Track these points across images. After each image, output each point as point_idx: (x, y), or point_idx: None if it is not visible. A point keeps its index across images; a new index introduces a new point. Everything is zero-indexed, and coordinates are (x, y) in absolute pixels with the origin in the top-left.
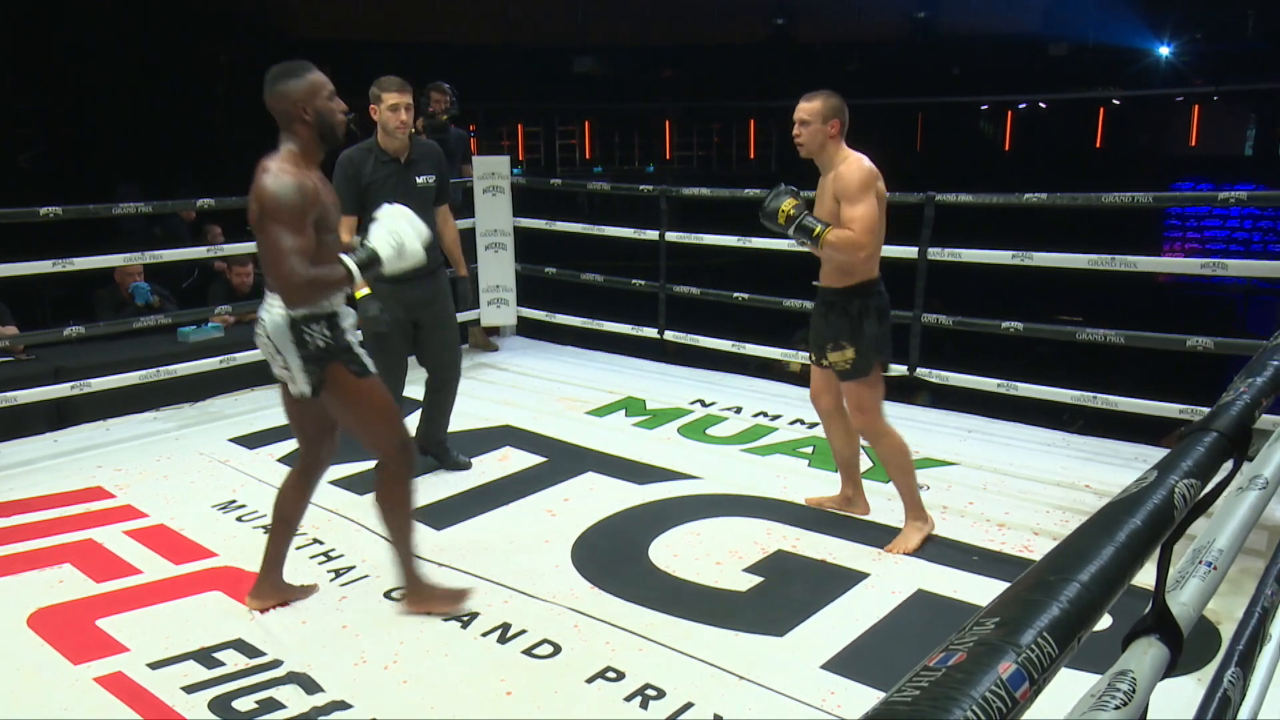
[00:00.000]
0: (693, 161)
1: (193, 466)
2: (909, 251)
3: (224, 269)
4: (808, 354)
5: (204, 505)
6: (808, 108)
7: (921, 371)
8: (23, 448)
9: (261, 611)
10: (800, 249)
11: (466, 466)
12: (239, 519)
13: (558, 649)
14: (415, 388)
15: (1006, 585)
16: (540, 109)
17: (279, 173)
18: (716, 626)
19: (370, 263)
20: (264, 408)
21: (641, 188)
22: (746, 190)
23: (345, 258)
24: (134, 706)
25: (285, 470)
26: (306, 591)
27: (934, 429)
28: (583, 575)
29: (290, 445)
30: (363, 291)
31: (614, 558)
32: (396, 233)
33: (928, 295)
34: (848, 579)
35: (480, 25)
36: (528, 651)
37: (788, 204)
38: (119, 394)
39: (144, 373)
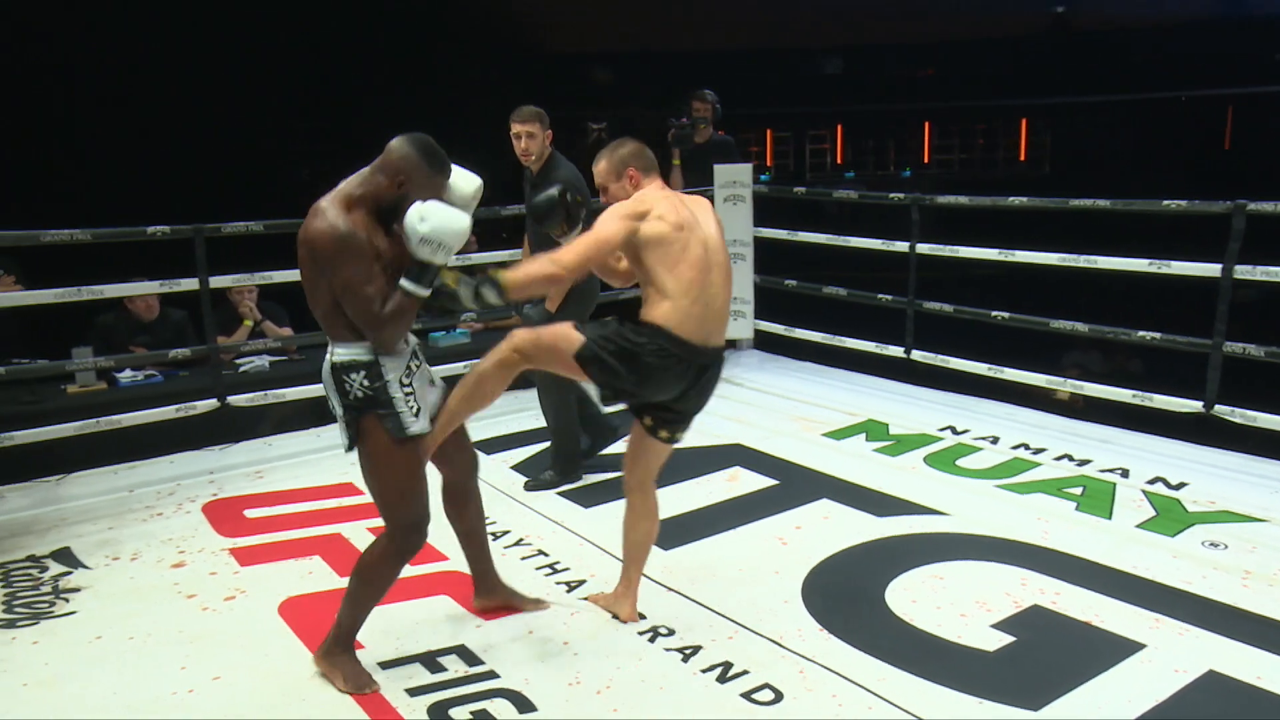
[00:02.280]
0: (954, 166)
1: (432, 468)
2: (1210, 269)
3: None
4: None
5: (439, 508)
6: (596, 170)
7: (1222, 409)
8: (290, 441)
9: (486, 616)
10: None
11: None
12: None
13: (779, 696)
14: None
15: None
16: (790, 113)
17: (335, 214)
18: (957, 690)
19: (423, 270)
20: (504, 413)
21: (891, 196)
22: (1011, 198)
23: (401, 282)
24: (363, 704)
25: (517, 477)
26: (537, 605)
27: (1236, 478)
28: (812, 614)
29: (524, 453)
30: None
31: (847, 597)
32: (421, 230)
33: (1232, 320)
34: (1119, 648)
35: (729, 30)
36: (747, 695)
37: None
38: None
39: None
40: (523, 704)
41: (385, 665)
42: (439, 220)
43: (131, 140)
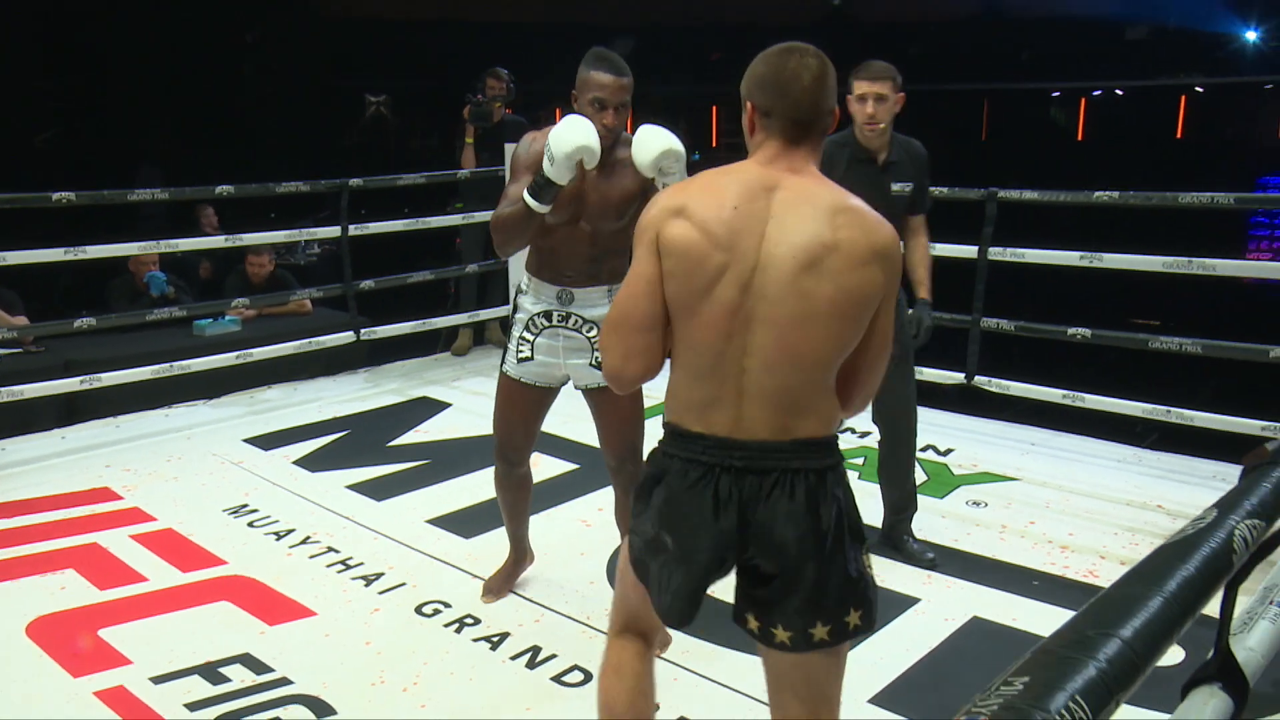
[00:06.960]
0: (743, 150)
1: (204, 468)
2: (969, 251)
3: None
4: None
5: (215, 509)
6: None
7: (980, 380)
8: (30, 444)
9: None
10: None
11: (930, 564)
12: (250, 524)
13: (589, 676)
14: None
15: (1069, 613)
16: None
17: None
18: (751, 653)
19: (540, 185)
20: (280, 406)
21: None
22: None
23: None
24: None
25: (300, 473)
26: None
27: (994, 441)
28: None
29: (306, 448)
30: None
31: None
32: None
33: (988, 298)
34: (897, 604)
35: (521, 4)
36: (557, 678)
37: None
38: (131, 389)
39: (157, 367)
40: (320, 708)
41: (158, 680)
42: (556, 129)
43: None
